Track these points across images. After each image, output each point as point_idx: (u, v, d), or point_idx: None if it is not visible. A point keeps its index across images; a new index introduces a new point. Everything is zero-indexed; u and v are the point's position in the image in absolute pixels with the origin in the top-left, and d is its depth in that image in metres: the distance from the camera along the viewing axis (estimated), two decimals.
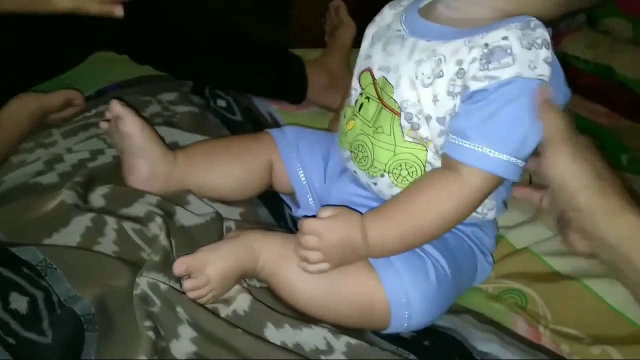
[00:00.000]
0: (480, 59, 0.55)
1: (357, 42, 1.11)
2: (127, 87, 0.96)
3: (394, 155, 0.62)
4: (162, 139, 0.72)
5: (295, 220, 0.76)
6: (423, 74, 0.59)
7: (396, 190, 0.64)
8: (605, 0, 0.59)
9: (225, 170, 0.74)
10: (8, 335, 0.52)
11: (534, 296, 0.69)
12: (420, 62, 0.59)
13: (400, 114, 0.61)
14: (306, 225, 0.58)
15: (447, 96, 0.58)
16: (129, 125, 0.68)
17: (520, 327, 0.66)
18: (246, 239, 0.62)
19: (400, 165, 0.63)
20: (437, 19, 0.61)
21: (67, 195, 0.66)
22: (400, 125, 0.61)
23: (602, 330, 0.66)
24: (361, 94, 0.67)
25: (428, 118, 0.59)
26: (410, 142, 0.62)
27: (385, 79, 0.62)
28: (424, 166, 0.62)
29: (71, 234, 0.63)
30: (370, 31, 0.69)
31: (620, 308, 0.68)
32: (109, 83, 0.97)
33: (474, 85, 0.56)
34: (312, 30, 1.28)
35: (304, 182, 0.75)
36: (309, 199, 0.75)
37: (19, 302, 0.54)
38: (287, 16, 1.49)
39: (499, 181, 0.59)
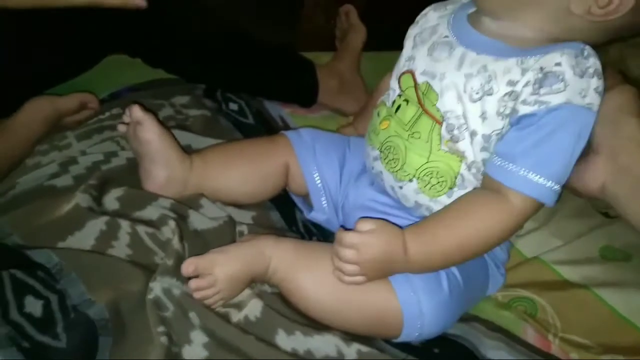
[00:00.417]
0: (534, 84, 0.55)
1: (367, 46, 1.13)
2: (140, 91, 0.97)
3: (427, 162, 0.62)
4: (178, 143, 0.72)
5: (306, 224, 0.77)
6: (472, 88, 0.58)
7: (422, 197, 0.63)
8: None
9: (242, 174, 0.74)
10: (23, 339, 0.52)
11: (544, 304, 0.69)
12: (469, 76, 0.58)
13: (441, 122, 0.60)
14: (345, 238, 0.57)
15: (496, 115, 0.57)
16: (148, 132, 0.68)
17: (530, 335, 0.67)
18: (257, 244, 0.62)
19: (432, 173, 0.62)
20: (486, 30, 0.60)
21: (81, 199, 0.66)
22: (440, 134, 0.60)
23: (611, 339, 0.66)
24: (400, 96, 0.65)
25: (473, 133, 0.59)
26: (446, 151, 0.61)
27: (429, 85, 0.61)
28: (456, 177, 0.61)
29: (85, 238, 0.63)
30: (412, 32, 0.67)
31: (630, 317, 0.68)
32: (122, 86, 0.98)
33: (523, 109, 0.55)
34: (320, 33, 1.28)
35: (319, 185, 0.75)
36: (323, 202, 0.75)
37: (33, 306, 0.54)
38: (295, 16, 1.48)
39: (540, 207, 0.58)
